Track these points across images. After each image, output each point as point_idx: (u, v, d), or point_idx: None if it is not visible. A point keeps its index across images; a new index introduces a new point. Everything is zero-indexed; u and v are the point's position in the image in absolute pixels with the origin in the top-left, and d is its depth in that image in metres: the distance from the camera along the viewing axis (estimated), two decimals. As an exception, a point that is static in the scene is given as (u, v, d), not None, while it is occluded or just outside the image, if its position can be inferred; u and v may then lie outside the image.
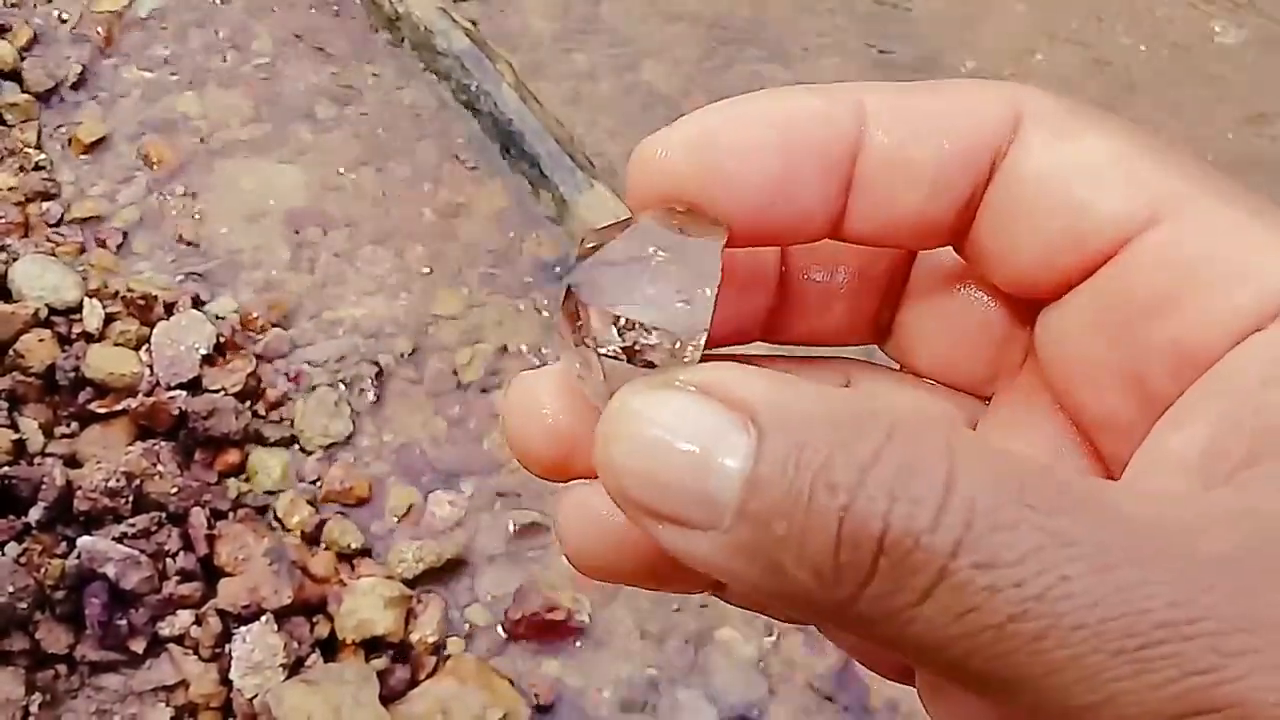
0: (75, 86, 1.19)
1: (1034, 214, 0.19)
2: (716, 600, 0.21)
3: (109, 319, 1.00)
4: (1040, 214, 0.19)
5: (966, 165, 0.19)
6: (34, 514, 0.86)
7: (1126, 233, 0.18)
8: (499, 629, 0.90)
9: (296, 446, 0.98)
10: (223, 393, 0.97)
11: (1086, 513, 0.15)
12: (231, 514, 0.92)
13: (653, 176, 0.19)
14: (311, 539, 0.93)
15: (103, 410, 0.95)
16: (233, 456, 0.95)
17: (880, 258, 0.22)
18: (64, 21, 1.23)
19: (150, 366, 0.97)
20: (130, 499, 0.88)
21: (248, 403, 0.98)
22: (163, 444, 0.93)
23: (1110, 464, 0.20)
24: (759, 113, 0.19)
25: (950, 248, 0.21)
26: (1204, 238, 0.18)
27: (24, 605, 0.82)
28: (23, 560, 0.83)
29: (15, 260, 1.03)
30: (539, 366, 0.21)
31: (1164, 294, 0.18)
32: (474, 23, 1.24)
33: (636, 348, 0.18)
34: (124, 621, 0.84)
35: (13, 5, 1.23)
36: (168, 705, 0.84)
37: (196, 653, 0.85)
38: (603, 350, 0.18)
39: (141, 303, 1.01)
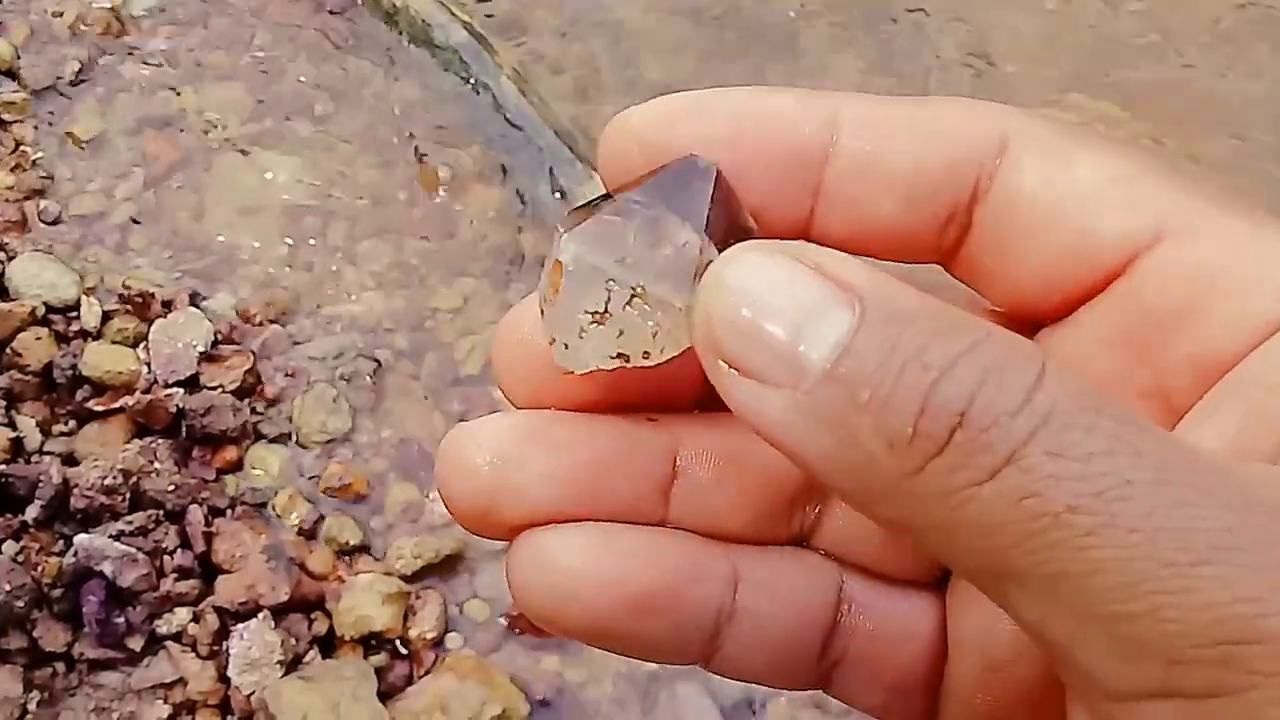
0: (72, 83, 1.19)
1: (1034, 233, 0.19)
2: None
3: (106, 316, 1.00)
4: (1041, 233, 0.19)
5: (946, 180, 0.19)
6: (31, 512, 0.86)
7: (1132, 250, 0.18)
8: (498, 625, 0.90)
9: (295, 443, 0.97)
10: (220, 390, 0.97)
11: (1154, 436, 0.15)
12: (229, 511, 0.92)
13: (614, 151, 0.20)
14: (310, 535, 0.92)
15: (100, 408, 0.94)
16: (231, 454, 0.95)
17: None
18: (61, 17, 1.23)
19: (148, 364, 0.97)
20: (127, 496, 0.87)
21: (246, 400, 0.97)
22: (160, 441, 0.93)
23: None
24: (725, 105, 0.20)
25: (940, 267, 0.21)
26: (1214, 250, 0.18)
27: (21, 603, 0.82)
28: (20, 558, 0.83)
29: (12, 258, 1.03)
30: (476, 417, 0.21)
31: (1181, 306, 0.18)
32: (483, 15, 1.24)
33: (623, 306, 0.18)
34: (122, 619, 0.84)
35: (9, 1, 1.23)
36: (166, 702, 0.83)
37: (194, 650, 0.85)
38: (586, 311, 0.18)
39: (139, 300, 1.01)
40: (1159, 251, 0.18)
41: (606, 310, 0.18)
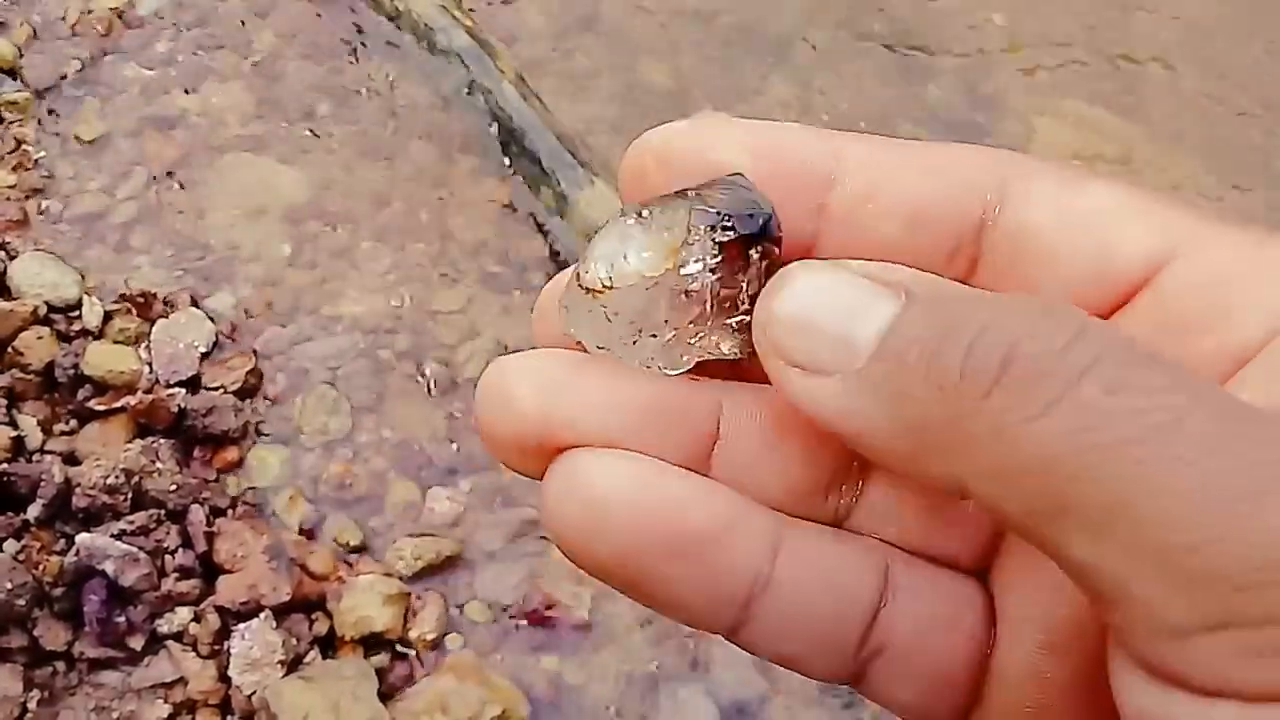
0: (75, 83, 1.19)
1: (1053, 255, 0.20)
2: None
3: (108, 316, 1.00)
4: (1060, 255, 0.20)
5: (949, 209, 0.20)
6: (33, 511, 0.86)
7: (1152, 266, 0.19)
8: (498, 626, 0.90)
9: (296, 443, 0.98)
10: (222, 390, 0.97)
11: (1206, 381, 0.15)
12: (230, 511, 0.92)
13: (632, 173, 0.21)
14: (311, 536, 0.93)
15: (102, 407, 0.95)
16: (232, 454, 0.95)
17: None
18: (63, 19, 1.23)
19: (149, 364, 0.97)
20: (129, 496, 0.88)
21: (247, 400, 0.98)
22: (162, 441, 0.93)
23: None
24: (737, 133, 0.20)
25: None
26: (1231, 259, 0.19)
27: (23, 602, 0.82)
28: (21, 557, 0.83)
29: (14, 257, 1.03)
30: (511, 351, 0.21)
31: (1206, 311, 0.19)
32: (484, 19, 1.24)
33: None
34: (122, 618, 0.84)
35: (12, 2, 1.23)
36: (166, 702, 0.84)
37: (195, 650, 0.85)
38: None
39: (140, 300, 1.01)
40: (1177, 265, 0.19)
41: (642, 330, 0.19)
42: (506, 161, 1.16)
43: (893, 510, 0.21)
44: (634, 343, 0.20)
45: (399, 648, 0.87)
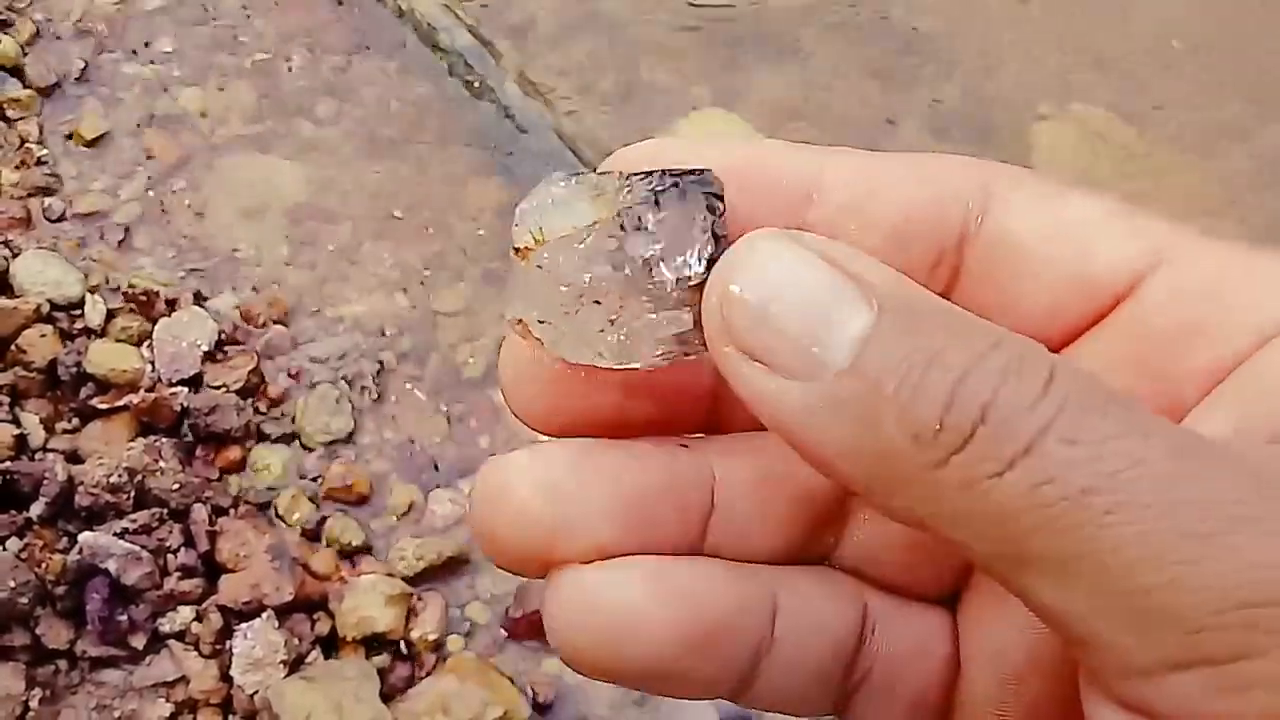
0: (78, 81, 1.19)
1: (1035, 265, 0.20)
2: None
3: (111, 315, 1.00)
4: (1042, 265, 0.20)
5: (931, 221, 0.20)
6: (35, 509, 0.86)
7: (1133, 276, 0.19)
8: (499, 627, 0.91)
9: (298, 443, 0.98)
10: (224, 389, 0.97)
11: (1162, 421, 0.16)
12: (233, 510, 0.92)
13: None
14: (313, 536, 0.93)
15: (104, 406, 0.95)
16: (234, 453, 0.95)
17: None
18: (66, 16, 1.23)
19: (152, 363, 0.98)
20: (132, 495, 0.88)
21: (249, 399, 0.98)
22: (164, 440, 0.93)
23: None
24: (714, 152, 0.20)
25: None
26: (1212, 271, 0.19)
27: (25, 600, 0.82)
28: (24, 555, 0.83)
29: (17, 256, 1.03)
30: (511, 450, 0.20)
31: (1186, 323, 0.19)
32: (488, 18, 1.24)
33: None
34: (125, 617, 0.84)
35: (14, 0, 1.23)
36: (168, 701, 0.84)
37: (197, 649, 0.85)
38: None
39: (143, 299, 1.01)
40: (1160, 275, 0.19)
41: (585, 298, 0.18)
42: (509, 160, 1.16)
43: (872, 545, 0.21)
44: (576, 312, 0.18)
45: (401, 648, 0.88)
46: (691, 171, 0.19)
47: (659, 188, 0.18)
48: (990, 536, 0.15)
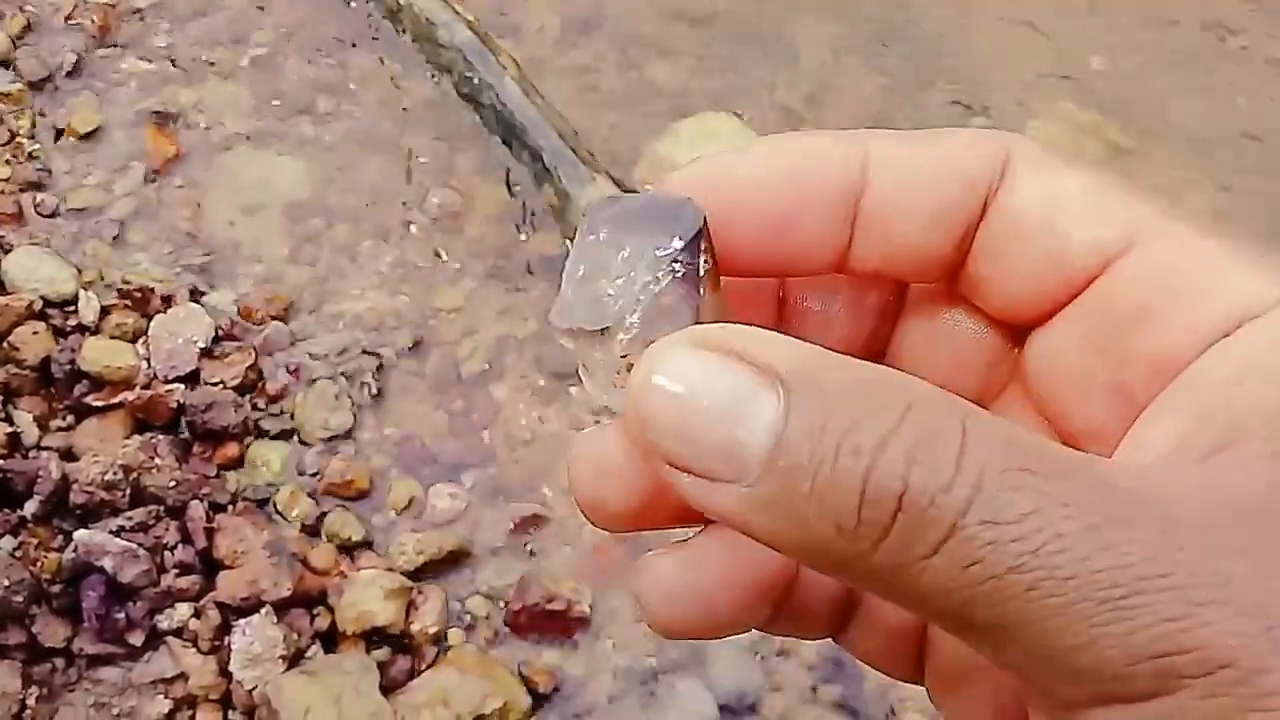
0: (70, 75, 1.18)
1: (1021, 244, 0.20)
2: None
3: (105, 311, 0.99)
4: (1027, 244, 0.20)
5: (961, 204, 0.21)
6: (30, 507, 0.85)
7: (1105, 257, 0.20)
8: (500, 620, 0.91)
9: (297, 439, 0.97)
10: (221, 386, 0.97)
11: (1079, 479, 0.17)
12: (231, 507, 0.92)
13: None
14: (312, 531, 0.93)
15: (99, 403, 0.94)
16: (232, 450, 0.95)
17: (874, 289, 0.23)
18: (59, 10, 1.22)
19: (147, 359, 0.97)
20: (127, 492, 0.87)
21: (247, 396, 0.97)
22: (160, 437, 0.93)
23: None
24: (774, 152, 0.21)
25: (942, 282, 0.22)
26: (1175, 258, 0.19)
27: (20, 599, 0.81)
28: (19, 554, 0.83)
29: (9, 251, 1.02)
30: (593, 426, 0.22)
31: (1141, 309, 0.19)
32: (487, 14, 1.24)
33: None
34: (122, 615, 0.83)
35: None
36: (166, 698, 0.83)
37: (195, 645, 0.85)
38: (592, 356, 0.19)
39: (138, 295, 1.00)
40: (1129, 258, 0.20)
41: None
42: (508, 158, 1.16)
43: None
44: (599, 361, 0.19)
45: (401, 642, 0.88)
46: (662, 210, 0.19)
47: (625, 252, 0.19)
48: (929, 609, 0.17)
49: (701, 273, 0.20)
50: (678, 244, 0.19)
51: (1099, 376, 0.20)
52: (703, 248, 0.20)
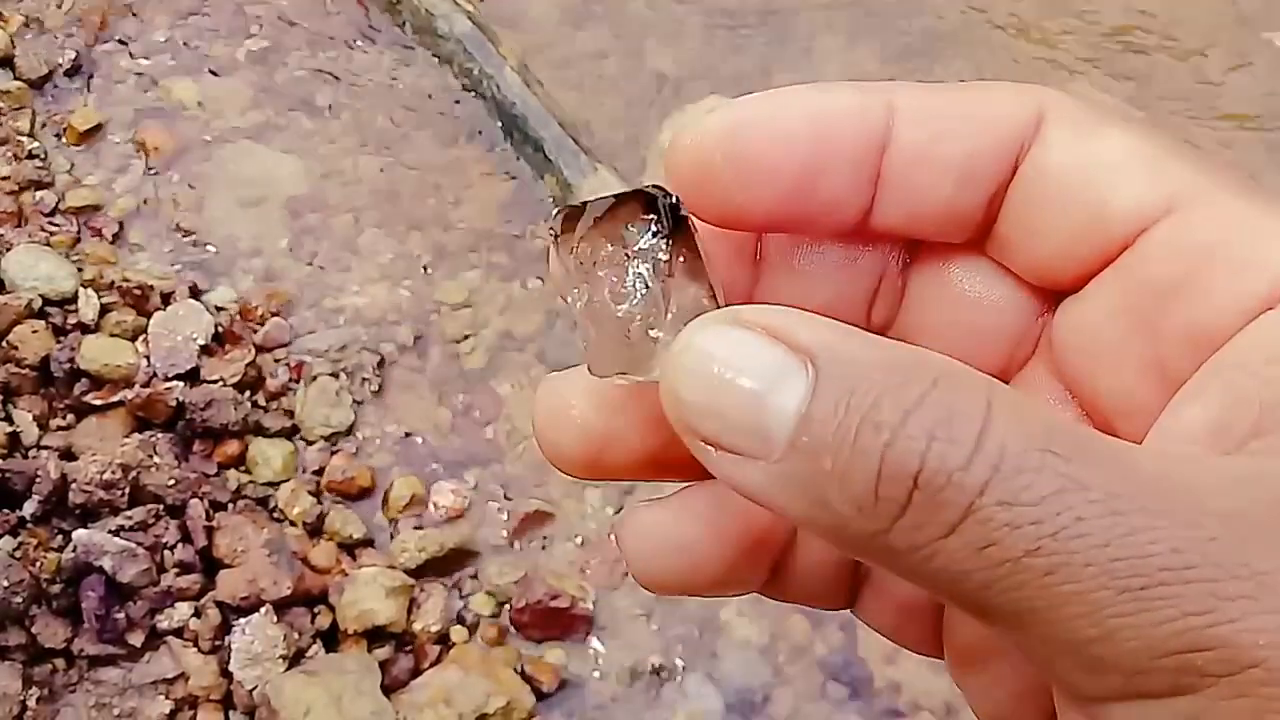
0: (69, 73, 1.18)
1: (1057, 205, 0.19)
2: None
3: (105, 310, 0.98)
4: (1063, 205, 0.19)
5: (992, 161, 0.20)
6: (29, 507, 0.85)
7: (1144, 222, 0.19)
8: (503, 617, 0.90)
9: (298, 437, 0.97)
10: (221, 383, 0.96)
11: (1104, 464, 0.16)
12: (231, 505, 0.91)
13: (688, 161, 0.20)
14: (313, 530, 0.92)
15: (98, 402, 0.93)
16: (232, 448, 0.94)
17: (868, 250, 0.22)
18: (58, 7, 1.22)
19: (147, 357, 0.96)
20: (127, 491, 0.86)
21: (247, 393, 0.97)
22: (160, 435, 0.92)
23: None
24: (793, 104, 0.20)
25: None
26: (1217, 226, 0.18)
27: (20, 599, 0.81)
28: (18, 554, 0.82)
29: (9, 250, 1.01)
30: (565, 369, 0.22)
31: (1180, 279, 0.19)
32: (486, 4, 1.23)
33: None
34: (122, 615, 0.83)
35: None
36: (167, 698, 0.83)
37: (196, 645, 0.84)
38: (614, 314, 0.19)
39: (138, 293, 1.00)
40: (1166, 225, 0.19)
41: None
42: (509, 149, 1.15)
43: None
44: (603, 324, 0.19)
45: (403, 640, 0.87)
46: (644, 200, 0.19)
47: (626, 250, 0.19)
48: (946, 591, 0.16)
49: (700, 254, 0.19)
50: (663, 244, 0.19)
51: (1133, 348, 0.19)
52: (685, 228, 0.19)
